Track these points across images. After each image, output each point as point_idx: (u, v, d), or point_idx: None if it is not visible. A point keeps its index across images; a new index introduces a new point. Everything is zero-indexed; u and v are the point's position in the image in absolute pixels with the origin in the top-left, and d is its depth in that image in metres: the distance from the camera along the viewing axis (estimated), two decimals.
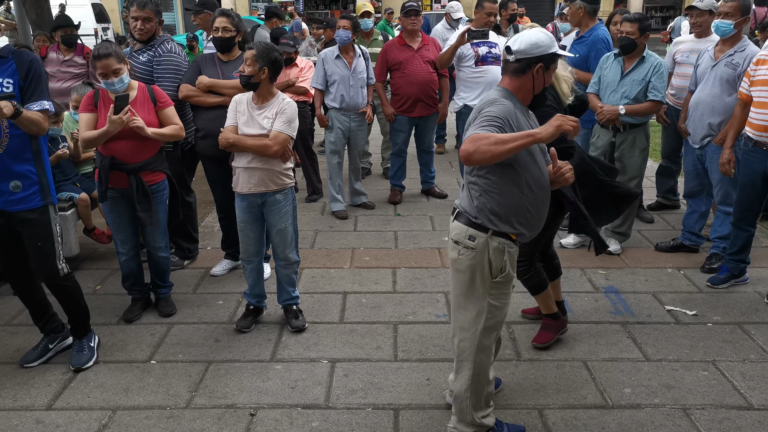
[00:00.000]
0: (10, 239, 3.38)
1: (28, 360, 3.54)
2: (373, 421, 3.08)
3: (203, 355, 3.65)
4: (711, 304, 4.21)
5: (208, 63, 4.41)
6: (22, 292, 3.55)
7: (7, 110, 2.96)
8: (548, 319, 3.73)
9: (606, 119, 4.71)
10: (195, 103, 4.40)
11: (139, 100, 3.79)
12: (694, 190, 4.92)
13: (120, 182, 3.79)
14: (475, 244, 2.64)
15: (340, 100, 5.72)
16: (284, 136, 3.64)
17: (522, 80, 2.64)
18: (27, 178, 3.26)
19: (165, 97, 3.92)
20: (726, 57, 4.50)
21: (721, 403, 3.18)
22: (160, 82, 4.36)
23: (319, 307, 4.21)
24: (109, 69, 3.60)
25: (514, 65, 2.62)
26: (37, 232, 3.33)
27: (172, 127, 3.87)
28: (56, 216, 3.42)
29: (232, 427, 3.03)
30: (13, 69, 3.17)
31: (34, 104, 3.18)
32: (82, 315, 3.61)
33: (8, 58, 3.19)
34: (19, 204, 3.27)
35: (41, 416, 3.13)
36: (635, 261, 4.89)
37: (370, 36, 6.92)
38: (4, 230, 3.34)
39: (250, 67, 3.56)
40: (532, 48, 2.59)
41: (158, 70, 4.42)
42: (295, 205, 3.90)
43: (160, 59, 4.42)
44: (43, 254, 3.36)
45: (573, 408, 3.16)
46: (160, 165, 3.92)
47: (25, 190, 3.26)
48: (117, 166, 3.75)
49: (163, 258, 4.09)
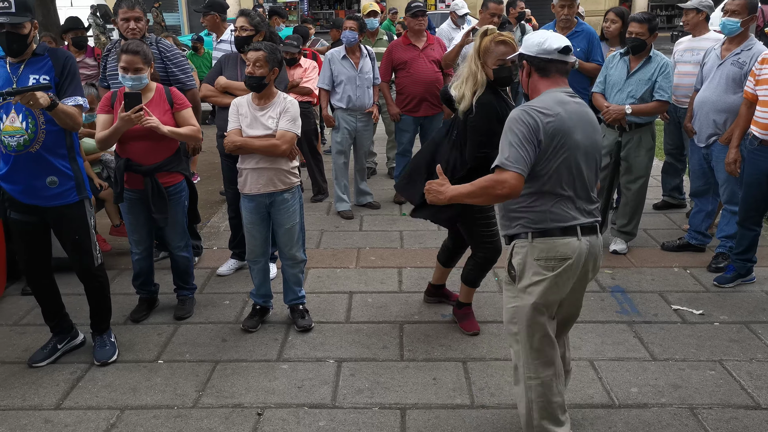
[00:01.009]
0: (39, 235, 3.44)
1: (36, 360, 3.56)
2: (380, 420, 3.08)
3: (210, 355, 3.66)
4: (718, 303, 4.20)
5: (231, 62, 4.47)
6: (40, 287, 3.56)
7: (43, 100, 3.03)
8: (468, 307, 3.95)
9: (612, 119, 4.70)
10: (212, 103, 4.45)
11: (155, 100, 3.79)
12: (701, 189, 4.91)
13: (136, 183, 3.81)
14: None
15: (347, 100, 5.73)
16: (291, 135, 3.66)
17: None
18: (63, 174, 3.34)
19: (182, 99, 3.93)
20: (732, 55, 4.49)
21: (728, 402, 3.18)
22: (180, 77, 4.47)
23: (326, 306, 4.22)
24: (132, 66, 3.62)
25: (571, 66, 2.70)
26: (74, 227, 3.43)
27: (189, 127, 3.85)
28: (91, 209, 3.52)
29: (239, 427, 3.05)
30: (49, 66, 3.26)
31: (68, 99, 3.25)
32: (107, 309, 3.68)
33: (44, 55, 3.29)
34: (55, 199, 3.34)
35: (50, 416, 3.15)
36: (641, 260, 4.89)
37: (375, 36, 6.93)
38: (34, 226, 3.41)
39: (261, 69, 3.57)
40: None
41: (174, 65, 4.51)
42: (302, 203, 3.92)
43: (169, 57, 4.50)
44: (80, 247, 3.46)
45: (580, 407, 3.15)
46: (177, 166, 3.92)
47: (61, 186, 3.34)
48: (132, 167, 3.77)
49: (184, 258, 4.11)
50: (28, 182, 3.29)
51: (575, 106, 2.60)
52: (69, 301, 3.74)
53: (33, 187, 3.30)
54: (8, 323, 4.05)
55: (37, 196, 3.32)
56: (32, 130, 3.24)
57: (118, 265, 4.90)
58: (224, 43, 5.98)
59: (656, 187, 6.24)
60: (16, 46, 3.19)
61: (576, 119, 2.56)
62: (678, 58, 5.35)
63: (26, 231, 3.41)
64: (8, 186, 3.34)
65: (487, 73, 3.45)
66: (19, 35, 3.17)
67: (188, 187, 4.05)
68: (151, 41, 4.52)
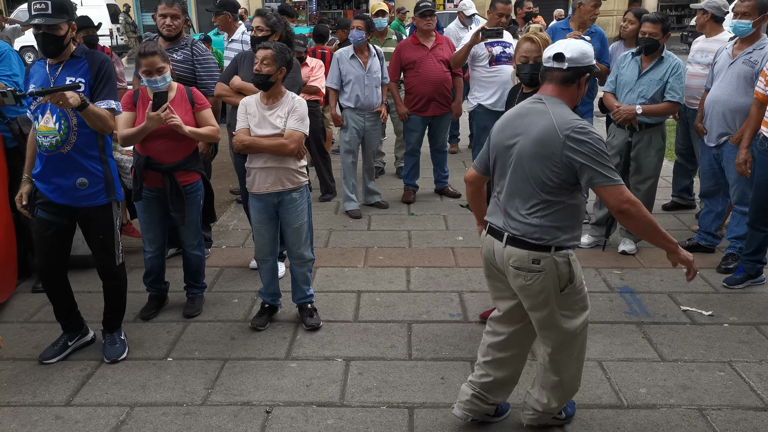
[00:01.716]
0: (62, 236, 3.48)
1: (47, 356, 3.59)
2: (388, 419, 3.09)
3: (219, 353, 3.68)
4: (727, 304, 4.19)
5: (246, 62, 4.48)
6: (54, 287, 3.58)
7: (73, 100, 3.06)
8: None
9: (622, 119, 4.69)
10: (227, 102, 4.47)
11: (177, 100, 3.82)
12: (710, 189, 4.89)
13: (155, 182, 3.83)
14: (541, 266, 2.59)
15: (355, 99, 5.74)
16: (299, 134, 3.67)
17: (571, 90, 2.62)
18: (93, 176, 3.38)
19: (203, 99, 3.96)
20: (744, 54, 4.47)
21: (737, 404, 3.17)
22: (206, 81, 4.55)
23: (334, 305, 4.23)
24: (154, 67, 3.64)
25: (566, 74, 2.58)
26: (100, 227, 3.48)
27: (209, 127, 3.88)
28: (118, 210, 3.56)
29: (248, 424, 3.06)
30: (85, 69, 3.31)
31: (101, 102, 3.29)
32: (122, 308, 3.72)
33: (81, 58, 3.33)
34: (85, 200, 3.40)
35: (60, 412, 3.17)
36: (650, 261, 4.87)
37: (384, 35, 6.93)
38: (59, 227, 3.44)
39: (269, 67, 3.58)
40: (583, 57, 2.58)
41: (204, 69, 4.59)
42: (310, 203, 3.93)
43: (200, 60, 4.58)
44: (103, 245, 3.52)
45: (588, 408, 3.15)
46: (194, 165, 3.95)
47: (91, 187, 3.39)
48: (152, 165, 3.79)
49: (197, 256, 4.13)
50: (59, 182, 3.34)
51: (522, 109, 2.66)
52: (79, 299, 3.76)
53: (63, 187, 3.34)
54: (19, 320, 4.08)
55: (67, 196, 3.37)
56: (64, 131, 3.27)
57: (127, 263, 4.88)
58: (236, 42, 6.01)
59: (666, 188, 6.22)
60: (52, 47, 3.22)
61: (510, 120, 2.66)
62: (690, 58, 5.37)
63: (50, 232, 3.43)
64: (41, 185, 3.38)
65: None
66: (55, 36, 3.20)
67: (204, 186, 4.07)
68: (187, 42, 4.58)
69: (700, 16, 5.28)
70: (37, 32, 3.17)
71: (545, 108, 2.58)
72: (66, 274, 3.59)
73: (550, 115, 2.55)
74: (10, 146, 4.19)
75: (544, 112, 2.57)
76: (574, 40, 2.64)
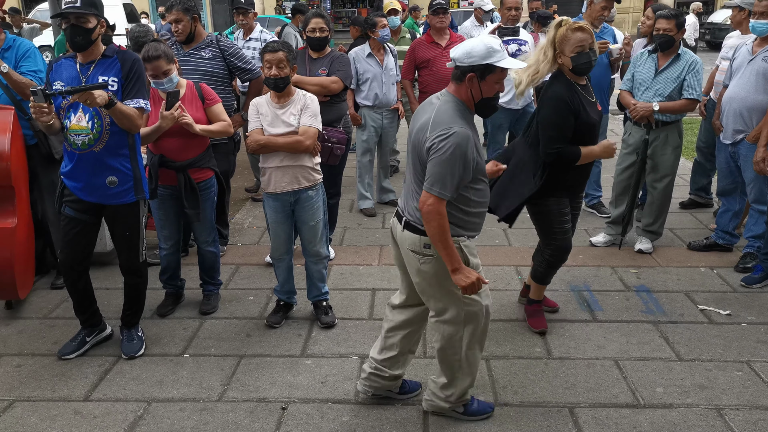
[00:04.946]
0: (87, 234, 3.52)
1: (65, 352, 3.63)
2: (403, 416, 3.09)
3: (235, 350, 3.70)
4: (745, 303, 4.15)
5: (299, 60, 4.58)
6: (75, 284, 3.60)
7: (101, 99, 3.09)
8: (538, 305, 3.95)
9: (639, 116, 4.65)
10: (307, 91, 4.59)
11: (188, 97, 3.87)
12: (727, 188, 4.84)
13: (169, 179, 3.87)
14: (432, 251, 2.71)
15: (374, 97, 5.74)
16: (314, 130, 3.68)
17: (462, 87, 2.71)
18: (123, 174, 3.42)
19: (213, 94, 4.00)
20: (764, 51, 4.42)
21: (755, 404, 3.14)
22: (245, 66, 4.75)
23: (349, 303, 4.24)
24: (160, 70, 3.68)
25: (455, 72, 2.72)
26: (127, 224, 3.52)
27: (220, 123, 3.94)
28: (144, 208, 3.60)
29: (264, 420, 3.08)
30: (117, 68, 3.33)
31: (130, 101, 3.32)
32: (141, 305, 3.75)
33: (113, 57, 3.35)
34: (114, 198, 3.44)
35: (79, 407, 3.20)
36: (667, 260, 4.83)
37: (397, 34, 6.93)
38: (85, 225, 3.48)
39: (285, 69, 3.61)
40: (465, 57, 2.64)
41: (236, 59, 4.74)
42: (325, 200, 3.94)
43: (231, 53, 4.72)
44: (128, 241, 3.56)
45: (604, 407, 3.14)
46: (207, 162, 3.99)
47: (121, 185, 3.43)
48: (166, 163, 3.83)
49: (211, 252, 4.16)
50: (89, 180, 3.37)
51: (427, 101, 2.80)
52: (97, 295, 3.79)
53: (93, 185, 3.38)
54: (38, 316, 4.13)
55: (96, 194, 3.41)
56: (97, 130, 3.31)
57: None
58: (254, 41, 6.03)
59: (683, 186, 6.17)
60: (80, 38, 3.23)
61: (418, 113, 2.78)
62: (722, 54, 5.34)
63: (77, 229, 3.47)
64: (70, 183, 3.42)
65: (564, 63, 3.48)
66: (83, 29, 3.22)
67: (218, 182, 4.11)
68: (211, 39, 4.66)
69: (737, 14, 5.22)
70: (67, 24, 3.19)
71: (436, 103, 2.73)
72: (88, 269, 3.63)
73: (434, 112, 2.68)
74: (30, 143, 4.24)
75: (433, 107, 2.71)
76: (471, 40, 2.69)
